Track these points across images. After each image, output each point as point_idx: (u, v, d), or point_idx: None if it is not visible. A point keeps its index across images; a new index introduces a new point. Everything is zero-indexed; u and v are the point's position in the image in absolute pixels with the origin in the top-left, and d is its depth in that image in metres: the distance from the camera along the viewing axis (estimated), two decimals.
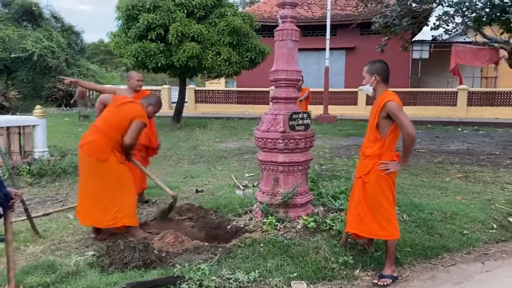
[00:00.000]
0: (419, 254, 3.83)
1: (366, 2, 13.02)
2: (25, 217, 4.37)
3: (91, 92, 24.53)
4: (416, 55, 22.32)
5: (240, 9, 15.60)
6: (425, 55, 22.10)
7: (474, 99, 19.40)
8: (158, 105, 4.53)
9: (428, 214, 4.88)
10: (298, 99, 5.75)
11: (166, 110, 21.54)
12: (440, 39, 19.89)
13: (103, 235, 4.13)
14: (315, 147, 10.76)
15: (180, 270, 3.26)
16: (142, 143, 5.22)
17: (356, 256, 3.69)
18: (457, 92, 19.49)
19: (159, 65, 13.91)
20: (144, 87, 5.80)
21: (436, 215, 4.89)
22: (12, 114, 17.92)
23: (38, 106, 7.91)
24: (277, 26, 4.42)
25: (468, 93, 19.36)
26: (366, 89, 3.55)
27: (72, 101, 18.91)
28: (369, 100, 20.12)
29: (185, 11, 13.91)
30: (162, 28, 13.59)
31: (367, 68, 3.54)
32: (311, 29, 22.94)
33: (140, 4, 13.65)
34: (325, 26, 18.12)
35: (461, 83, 20.89)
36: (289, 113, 4.27)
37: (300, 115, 4.37)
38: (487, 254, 4.01)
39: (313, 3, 24.08)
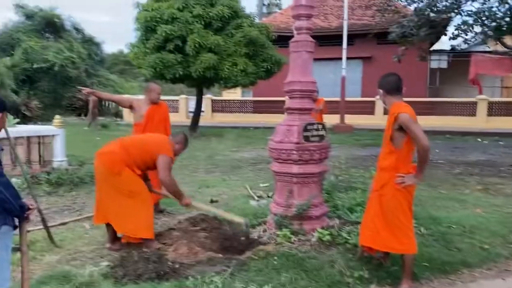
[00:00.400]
0: (437, 269, 3.74)
1: (383, 12, 12.96)
2: (42, 227, 4.44)
3: (108, 102, 24.97)
4: (434, 65, 22.06)
5: (256, 20, 15.70)
6: (444, 64, 21.82)
7: (495, 109, 19.05)
8: (185, 143, 4.48)
9: (446, 228, 4.77)
10: (314, 110, 5.76)
11: (184, 119, 21.73)
12: (459, 49, 19.62)
13: (118, 245, 4.15)
14: (331, 157, 10.69)
15: (193, 283, 3.25)
16: None
17: (372, 271, 3.62)
18: (476, 102, 19.17)
19: (177, 75, 14.09)
20: (162, 97, 5.86)
21: (454, 229, 4.78)
22: (34, 123, 18.32)
23: (57, 116, 8.06)
24: (293, 36, 4.43)
25: (488, 103, 19.02)
26: (382, 103, 3.56)
27: (88, 112, 19.24)
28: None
29: (203, 23, 14.08)
30: (180, 40, 13.77)
31: (378, 83, 3.56)
32: (327, 39, 22.89)
33: (159, 16, 13.87)
34: (341, 35, 18.10)
35: (480, 93, 20.53)
36: (304, 124, 4.25)
37: (315, 126, 4.35)
38: (509, 270, 3.90)
39: (329, 13, 24.08)
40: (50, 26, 25.94)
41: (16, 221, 2.53)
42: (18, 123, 14.78)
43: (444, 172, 8.98)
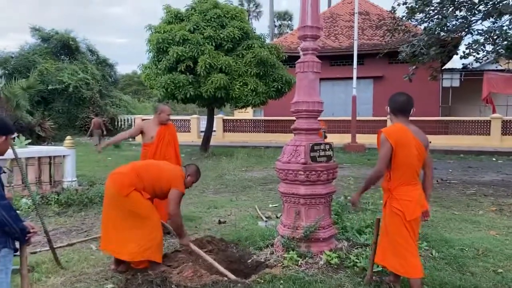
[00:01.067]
0: None
1: (393, 32, 12.94)
2: (48, 248, 4.42)
3: (121, 123, 25.23)
4: (446, 84, 21.92)
5: (268, 41, 15.86)
6: (456, 83, 21.67)
7: (509, 128, 18.75)
8: (197, 175, 4.49)
9: (459, 250, 4.64)
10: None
11: (195, 139, 21.84)
12: (471, 67, 19.53)
13: (123, 267, 4.11)
14: (341, 177, 10.61)
15: None
16: None
17: None
18: (490, 120, 18.92)
19: (188, 96, 14.21)
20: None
21: (467, 252, 4.64)
22: (48, 143, 18.55)
23: (68, 137, 8.14)
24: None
25: (502, 122, 18.75)
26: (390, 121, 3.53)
27: (88, 132, 19.62)
28: None
29: (214, 44, 14.26)
30: (191, 60, 13.94)
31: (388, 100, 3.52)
32: (338, 59, 23.01)
33: (170, 38, 14.08)
34: (352, 55, 18.14)
35: (494, 111, 20.30)
36: (311, 145, 4.21)
37: (322, 146, 4.31)
38: None
39: (340, 33, 24.23)
40: (65, 48, 26.54)
41: (18, 243, 2.52)
42: (30, 143, 15.00)
43: (458, 193, 8.81)
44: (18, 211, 6.45)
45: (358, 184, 9.53)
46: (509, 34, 10.16)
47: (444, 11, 10.84)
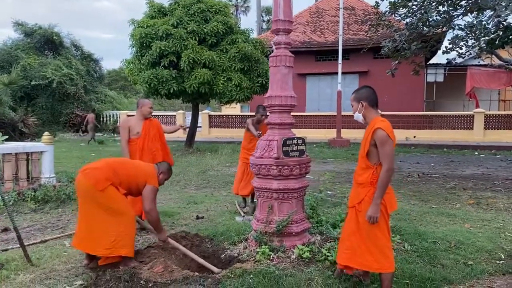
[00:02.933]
0: (417, 286, 3.63)
1: (376, 27, 12.98)
2: (19, 245, 4.37)
3: (106, 119, 25.03)
4: (430, 79, 22.12)
5: (255, 35, 15.78)
6: (440, 78, 21.88)
7: (492, 122, 19.00)
8: (169, 173, 4.54)
9: (431, 243, 4.68)
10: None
11: (181, 134, 21.70)
12: (454, 63, 19.70)
13: (95, 264, 4.07)
14: (323, 171, 10.65)
15: None
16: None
17: None
18: (473, 115, 19.15)
19: (172, 91, 14.12)
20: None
21: (440, 244, 4.69)
22: (31, 140, 18.31)
23: (46, 133, 8.02)
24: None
25: (485, 116, 18.99)
26: (357, 116, 3.49)
27: (84, 127, 19.99)
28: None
29: (197, 39, 14.18)
30: (175, 55, 13.85)
31: (353, 96, 3.50)
32: (324, 54, 23.07)
33: (153, 33, 13.96)
34: (338, 50, 18.19)
35: (477, 106, 20.55)
36: (283, 139, 4.21)
37: (295, 141, 4.30)
38: (492, 287, 3.79)
39: (326, 28, 24.26)
40: (49, 43, 26.14)
41: None
42: (13, 140, 14.74)
43: (437, 186, 8.90)
44: None
45: (341, 178, 9.57)
46: (488, 29, 10.25)
47: (426, 6, 10.90)
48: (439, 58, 26.05)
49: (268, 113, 4.60)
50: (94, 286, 3.54)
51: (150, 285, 3.53)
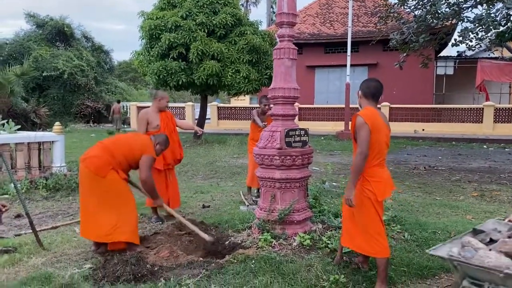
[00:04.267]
0: (415, 274, 3.74)
1: (385, 19, 12.95)
2: (31, 230, 4.55)
3: (124, 110, 25.33)
4: (440, 71, 21.98)
5: (264, 27, 15.79)
6: (450, 71, 21.73)
7: (502, 115, 18.85)
8: (166, 144, 4.65)
9: (431, 234, 4.77)
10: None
11: None
12: (464, 55, 19.55)
13: (103, 249, 4.23)
14: (329, 163, 10.73)
15: (165, 284, 3.31)
16: (175, 158, 5.57)
17: (349, 275, 3.64)
18: (483, 108, 19.01)
19: (180, 83, 14.25)
20: (170, 104, 6.06)
21: (440, 235, 4.77)
22: (42, 130, 18.62)
23: (57, 123, 8.21)
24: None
25: (494, 110, 18.84)
26: (358, 105, 3.59)
27: (110, 117, 21.02)
28: (395, 117, 19.83)
29: (206, 31, 14.26)
30: (183, 47, 13.95)
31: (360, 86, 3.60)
32: (333, 46, 23.00)
33: (163, 24, 14.07)
34: (347, 42, 18.14)
35: (487, 99, 20.39)
36: (286, 130, 4.31)
37: (297, 132, 4.41)
38: None
39: (335, 20, 24.15)
40: (60, 34, 26.42)
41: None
42: (25, 130, 15.02)
43: (443, 179, 8.95)
44: (6, 196, 6.60)
45: (346, 170, 9.66)
46: (497, 21, 10.19)
47: None
48: (450, 50, 25.85)
49: (271, 104, 4.70)
50: (103, 269, 3.69)
51: (156, 268, 3.68)
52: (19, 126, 8.53)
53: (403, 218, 5.23)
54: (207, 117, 21.50)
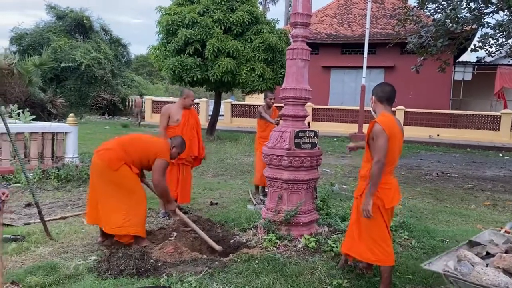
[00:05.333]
0: (420, 282, 3.70)
1: (403, 21, 12.79)
2: (39, 220, 4.62)
3: (131, 103, 25.55)
4: (458, 77, 21.65)
5: (282, 25, 15.75)
6: (468, 77, 21.38)
7: None
8: (182, 147, 4.66)
9: (439, 241, 4.71)
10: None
11: (203, 122, 21.92)
12: (483, 61, 19.23)
13: (109, 241, 4.27)
14: (340, 165, 10.66)
15: (167, 280, 3.33)
16: (191, 154, 5.57)
17: (352, 280, 3.62)
18: (500, 116, 18.67)
19: (195, 79, 14.30)
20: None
21: (448, 243, 4.71)
22: (58, 120, 18.87)
23: (71, 114, 8.31)
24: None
25: None
26: (372, 110, 3.55)
27: (131, 110, 21.83)
28: (410, 121, 19.60)
29: (223, 28, 14.28)
30: (200, 43, 14.00)
31: (372, 90, 3.55)
32: (350, 47, 22.83)
33: (180, 20, 14.12)
34: (364, 44, 17.98)
35: (505, 106, 20.02)
36: (295, 131, 4.29)
37: (307, 133, 4.38)
38: None
39: (353, 21, 23.96)
40: (79, 26, 26.74)
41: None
42: (41, 120, 15.23)
43: (455, 186, 8.82)
44: (18, 184, 6.70)
45: (352, 172, 9.58)
46: None
47: (455, 3, 10.67)
48: (469, 56, 25.48)
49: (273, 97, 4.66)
50: (107, 262, 3.72)
51: (159, 264, 3.70)
52: (34, 116, 8.66)
53: (412, 224, 5.16)
54: (220, 114, 21.58)
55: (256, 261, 3.79)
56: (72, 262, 3.75)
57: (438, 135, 19.14)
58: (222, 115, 22.58)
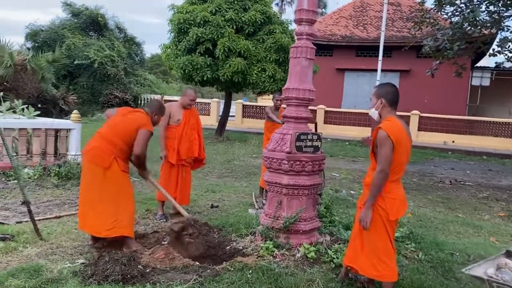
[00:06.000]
0: None
1: (420, 24, 12.44)
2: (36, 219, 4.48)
3: (144, 101, 25.55)
4: (476, 82, 21.11)
5: (291, 27, 15.52)
6: (486, 82, 20.84)
7: None
8: (161, 110, 4.48)
9: (448, 255, 4.43)
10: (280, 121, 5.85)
11: (214, 122, 21.83)
12: (502, 67, 18.69)
13: (100, 244, 4.10)
14: (350, 170, 10.38)
15: None
16: (191, 155, 5.42)
17: None
18: None
19: (205, 78, 14.13)
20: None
21: (457, 257, 4.42)
22: (69, 117, 18.89)
23: (75, 111, 8.20)
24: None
25: None
26: (372, 113, 3.30)
27: None
28: (424, 126, 19.16)
29: (234, 27, 14.10)
30: (211, 43, 13.83)
31: (375, 90, 3.30)
32: (365, 50, 22.46)
33: (192, 19, 13.98)
34: (379, 47, 17.64)
35: None
36: (297, 134, 4.06)
37: (309, 136, 4.14)
38: None
39: (369, 23, 23.59)
40: (94, 24, 26.76)
41: None
42: (52, 116, 15.21)
43: (469, 195, 8.48)
44: (16, 181, 6.58)
45: (361, 178, 9.30)
46: None
47: (474, 5, 10.31)
48: (488, 61, 24.81)
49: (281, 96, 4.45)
50: (94, 266, 3.55)
51: (148, 270, 3.51)
52: (38, 112, 8.57)
53: (419, 235, 4.87)
54: (232, 115, 21.38)
55: (250, 271, 3.57)
56: (58, 265, 3.58)
57: (453, 142, 18.65)
58: (233, 116, 22.41)
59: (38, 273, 3.40)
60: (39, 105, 18.05)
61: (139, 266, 3.49)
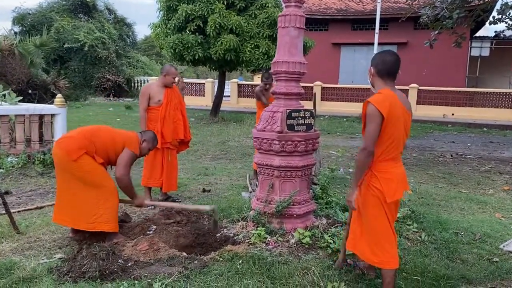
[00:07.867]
0: (429, 284, 3.17)
1: None
2: (17, 210, 4.21)
3: (136, 84, 25.13)
4: (475, 53, 20.65)
5: None
6: (485, 52, 20.39)
7: None
8: (153, 142, 4.13)
9: (453, 234, 4.17)
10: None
11: (209, 103, 21.43)
12: (502, 36, 18.22)
13: (81, 236, 3.83)
14: (349, 147, 10.09)
15: (133, 285, 2.87)
16: (177, 137, 5.10)
17: (351, 283, 3.13)
18: None
19: (197, 57, 13.68)
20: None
21: (463, 236, 4.17)
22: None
23: (59, 95, 7.84)
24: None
25: None
26: (369, 83, 2.96)
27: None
28: (423, 99, 18.81)
29: (225, 2, 13.56)
30: (201, 20, 13.33)
31: (372, 60, 2.95)
32: (361, 23, 21.89)
33: None
34: (375, 19, 17.13)
35: None
36: (288, 111, 3.74)
37: (301, 113, 3.83)
38: None
39: None
40: (82, 6, 26.04)
41: None
42: (44, 102, 14.83)
43: (470, 169, 8.21)
44: (0, 170, 6.28)
45: (355, 154, 9.02)
46: None
47: None
48: (487, 31, 24.19)
49: (274, 81, 4.13)
50: (72, 261, 3.28)
51: (129, 264, 3.25)
52: (21, 98, 8.21)
53: (422, 214, 4.61)
54: (227, 95, 20.94)
55: (241, 261, 3.30)
56: (32, 262, 3.31)
57: (452, 114, 18.32)
58: (228, 96, 22.00)
59: (9, 272, 3.13)
60: (30, 91, 17.66)
61: (119, 260, 3.22)
